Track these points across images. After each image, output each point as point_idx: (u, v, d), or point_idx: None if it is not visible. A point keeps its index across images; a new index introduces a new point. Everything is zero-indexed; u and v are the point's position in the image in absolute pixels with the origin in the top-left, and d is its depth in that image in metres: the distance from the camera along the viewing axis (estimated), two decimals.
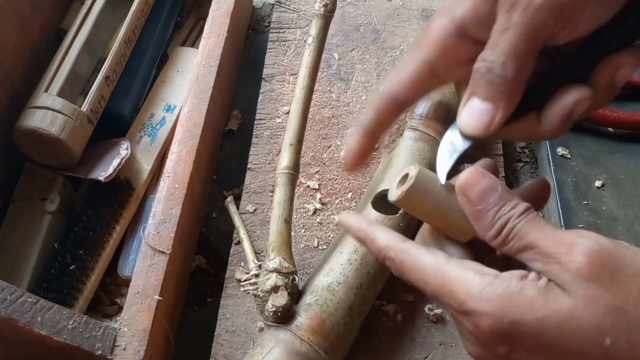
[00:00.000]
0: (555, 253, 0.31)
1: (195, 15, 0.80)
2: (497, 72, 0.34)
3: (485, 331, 0.32)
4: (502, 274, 0.33)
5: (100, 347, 0.47)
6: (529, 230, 0.33)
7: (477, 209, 0.34)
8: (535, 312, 0.31)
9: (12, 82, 0.62)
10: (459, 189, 0.35)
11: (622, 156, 0.70)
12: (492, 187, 0.34)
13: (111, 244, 0.60)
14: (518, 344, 0.32)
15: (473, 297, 0.32)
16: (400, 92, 0.39)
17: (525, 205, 0.34)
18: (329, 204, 0.63)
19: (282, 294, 0.48)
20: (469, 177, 0.35)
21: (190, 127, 0.60)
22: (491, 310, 0.32)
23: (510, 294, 0.32)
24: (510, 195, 0.34)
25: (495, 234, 0.34)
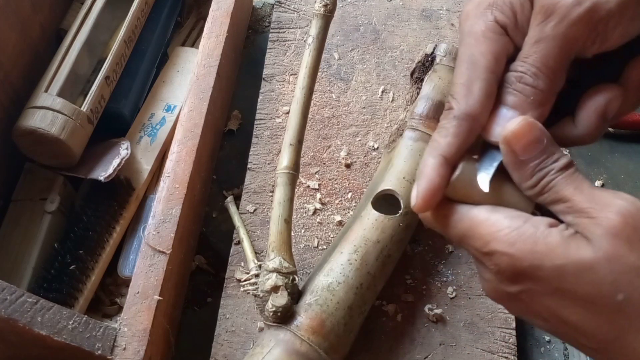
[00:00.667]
0: (588, 208, 0.32)
1: (195, 15, 0.80)
2: (528, 81, 0.35)
3: (503, 270, 0.33)
4: (532, 219, 0.33)
5: (100, 347, 0.47)
6: (565, 185, 0.33)
7: (520, 159, 0.34)
8: (555, 259, 0.32)
9: (12, 82, 0.62)
10: (505, 139, 0.34)
11: (622, 156, 0.70)
12: (539, 139, 0.34)
13: (111, 244, 0.60)
14: (532, 286, 0.33)
15: (498, 239, 0.33)
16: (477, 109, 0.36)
17: (566, 160, 0.34)
18: (329, 204, 0.63)
19: (282, 294, 0.48)
20: (516, 129, 0.34)
21: (190, 127, 0.60)
22: (513, 253, 0.33)
23: (534, 240, 0.32)
24: (554, 148, 0.34)
25: (532, 185, 0.34)
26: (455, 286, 0.59)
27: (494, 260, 0.34)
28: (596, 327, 0.32)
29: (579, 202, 0.32)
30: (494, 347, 0.56)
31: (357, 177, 0.65)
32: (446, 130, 0.37)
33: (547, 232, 0.33)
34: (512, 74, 0.36)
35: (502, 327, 0.57)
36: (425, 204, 0.36)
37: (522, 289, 0.34)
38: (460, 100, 0.36)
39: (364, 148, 0.67)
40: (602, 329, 0.32)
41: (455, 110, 0.36)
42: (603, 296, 0.31)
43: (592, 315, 0.32)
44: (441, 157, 0.36)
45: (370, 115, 0.69)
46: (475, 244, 0.35)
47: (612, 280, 0.31)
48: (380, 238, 0.53)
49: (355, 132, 0.68)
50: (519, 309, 0.36)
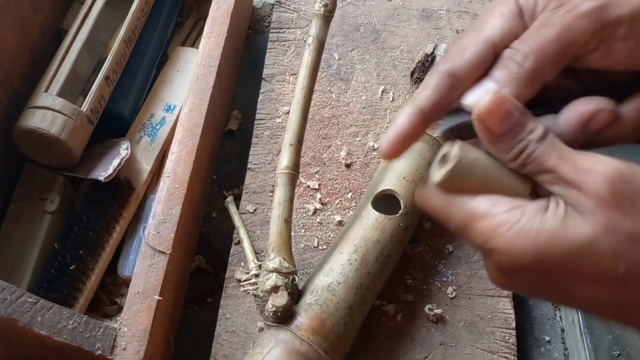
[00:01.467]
0: (574, 179, 0.32)
1: (195, 15, 0.80)
2: (516, 58, 0.35)
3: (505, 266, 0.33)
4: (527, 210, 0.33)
5: (100, 347, 0.47)
6: (548, 155, 0.33)
7: (495, 135, 0.34)
8: (557, 246, 0.32)
9: (12, 82, 0.62)
10: (477, 117, 0.34)
11: (622, 156, 0.70)
12: (511, 112, 0.33)
13: (111, 244, 0.60)
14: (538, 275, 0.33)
15: (498, 236, 0.33)
16: (462, 69, 0.36)
17: (542, 129, 0.33)
18: (329, 204, 0.63)
19: (282, 294, 0.48)
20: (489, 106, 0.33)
21: (190, 127, 0.60)
22: (514, 250, 0.33)
23: (535, 233, 0.32)
24: (527, 118, 0.34)
25: (512, 158, 0.34)
26: (455, 286, 0.59)
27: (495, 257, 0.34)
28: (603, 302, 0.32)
29: (565, 173, 0.32)
30: (494, 347, 0.56)
31: (357, 177, 0.65)
32: (426, 84, 0.37)
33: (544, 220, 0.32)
34: (507, 49, 0.36)
35: (502, 327, 0.57)
36: (391, 150, 0.37)
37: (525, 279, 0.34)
38: (449, 57, 0.37)
39: (364, 148, 0.66)
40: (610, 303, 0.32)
41: (441, 65, 0.37)
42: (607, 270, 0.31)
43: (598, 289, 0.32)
44: (417, 107, 0.36)
45: (370, 115, 0.69)
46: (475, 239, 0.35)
47: (612, 253, 0.31)
48: (380, 238, 0.53)
49: (355, 132, 0.68)
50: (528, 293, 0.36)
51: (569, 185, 0.32)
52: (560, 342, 0.61)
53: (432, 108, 0.36)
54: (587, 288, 0.32)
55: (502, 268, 0.34)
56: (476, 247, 0.35)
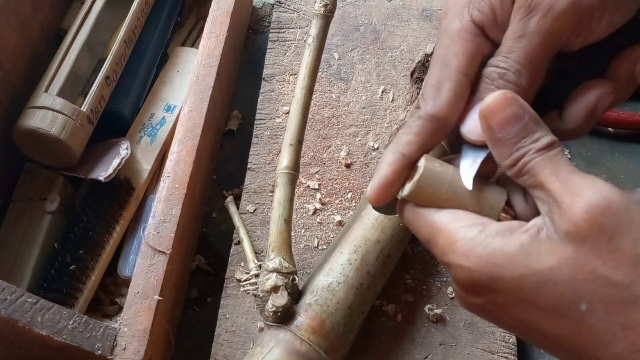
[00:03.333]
0: (560, 201, 0.30)
1: (195, 15, 0.80)
2: (510, 79, 0.34)
3: (462, 282, 0.33)
4: (488, 228, 0.32)
5: (100, 347, 0.47)
6: (542, 169, 0.31)
7: (497, 136, 0.32)
8: (513, 270, 0.30)
9: (12, 82, 0.62)
10: (481, 113, 0.33)
11: (622, 156, 0.70)
12: (518, 116, 0.32)
13: (111, 244, 0.60)
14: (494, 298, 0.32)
15: (454, 250, 0.32)
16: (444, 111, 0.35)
17: (548, 140, 0.32)
18: (329, 204, 0.63)
19: (282, 294, 0.48)
20: (493, 103, 0.32)
21: (190, 127, 0.60)
22: (469, 266, 0.32)
23: (491, 252, 0.31)
24: (536, 127, 0.32)
25: (510, 164, 0.32)
26: None
27: (452, 272, 0.33)
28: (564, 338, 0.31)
29: (553, 192, 0.30)
30: (494, 347, 0.56)
31: (357, 177, 0.65)
32: (409, 129, 0.36)
33: (504, 241, 0.31)
34: (493, 69, 0.34)
35: None
36: (377, 197, 0.36)
37: (484, 300, 0.33)
38: (428, 100, 0.36)
39: (364, 148, 0.67)
40: (570, 340, 0.30)
41: (421, 110, 0.36)
42: (566, 306, 0.29)
43: (558, 327, 0.30)
44: (399, 154, 0.36)
45: (370, 115, 0.69)
46: (436, 252, 0.34)
47: (573, 289, 0.29)
48: (380, 238, 0.53)
49: (355, 132, 0.68)
50: (488, 318, 0.35)
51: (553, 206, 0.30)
52: None
53: (415, 153, 0.36)
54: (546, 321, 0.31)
55: (461, 284, 0.33)
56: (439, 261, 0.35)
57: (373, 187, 0.36)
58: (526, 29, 0.33)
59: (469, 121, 0.35)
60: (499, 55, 0.34)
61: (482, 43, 0.35)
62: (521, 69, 0.34)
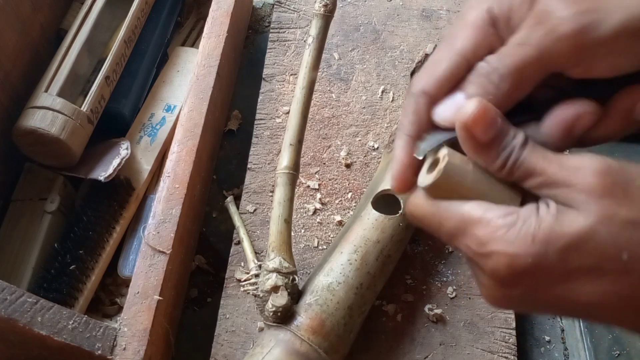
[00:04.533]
0: (562, 179, 0.31)
1: (195, 15, 0.80)
2: (493, 80, 0.34)
3: (503, 273, 0.33)
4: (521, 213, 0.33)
5: (100, 347, 0.47)
6: (535, 159, 0.33)
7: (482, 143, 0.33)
8: (555, 243, 0.31)
9: (12, 82, 0.62)
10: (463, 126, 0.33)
11: (622, 156, 0.70)
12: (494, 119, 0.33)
13: (111, 244, 0.60)
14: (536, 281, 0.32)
15: (496, 239, 0.32)
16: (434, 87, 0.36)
17: (522, 134, 0.33)
18: (329, 204, 0.63)
19: (282, 294, 0.48)
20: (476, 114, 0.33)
21: (190, 127, 0.60)
22: (513, 251, 0.32)
23: (533, 233, 0.32)
24: (507, 125, 0.33)
25: (500, 166, 0.33)
26: (455, 286, 0.59)
27: (491, 262, 0.33)
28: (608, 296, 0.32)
29: (552, 174, 0.32)
30: (494, 347, 0.56)
31: (357, 177, 0.65)
32: (406, 110, 0.37)
33: (539, 220, 0.32)
34: (483, 65, 0.35)
35: (502, 327, 0.57)
36: (401, 185, 0.37)
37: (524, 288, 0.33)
38: (423, 76, 0.36)
39: (364, 148, 0.67)
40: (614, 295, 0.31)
41: (414, 86, 0.36)
42: (609, 260, 0.31)
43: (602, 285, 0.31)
44: (406, 137, 0.37)
45: (370, 115, 0.69)
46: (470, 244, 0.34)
47: (612, 241, 0.30)
48: (380, 238, 0.53)
49: (355, 132, 0.68)
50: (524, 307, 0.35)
51: (557, 185, 0.32)
52: (560, 342, 0.61)
53: (419, 131, 0.36)
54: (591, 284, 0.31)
55: (501, 276, 0.33)
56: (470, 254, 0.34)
57: (393, 176, 0.37)
58: (528, 40, 0.33)
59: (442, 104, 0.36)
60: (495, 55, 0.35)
61: (491, 34, 0.36)
62: (507, 74, 0.34)
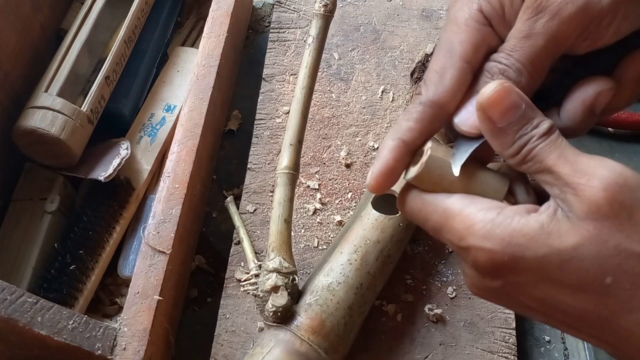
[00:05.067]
0: (573, 182, 0.30)
1: (195, 15, 0.80)
2: (510, 76, 0.34)
3: (482, 266, 0.32)
4: (505, 210, 0.32)
5: (100, 347, 0.47)
6: (548, 153, 0.31)
7: (498, 126, 0.32)
8: (536, 249, 0.31)
9: (12, 82, 0.62)
10: (480, 106, 0.32)
11: (622, 156, 0.70)
12: (517, 104, 0.32)
13: (111, 244, 0.60)
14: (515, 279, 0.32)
15: (473, 233, 0.32)
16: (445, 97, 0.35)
17: (547, 125, 0.32)
18: (329, 204, 0.63)
19: (282, 294, 0.48)
20: (493, 95, 0.32)
21: (190, 127, 0.60)
22: (491, 247, 0.31)
23: (511, 232, 0.31)
24: (534, 113, 0.32)
25: (513, 153, 0.32)
26: (455, 286, 0.59)
27: (471, 256, 0.33)
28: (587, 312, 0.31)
29: (564, 175, 0.31)
30: (494, 347, 0.56)
31: (357, 177, 0.65)
32: (410, 115, 0.36)
33: (523, 221, 0.31)
34: (494, 64, 0.35)
35: (502, 327, 0.57)
36: (377, 185, 0.36)
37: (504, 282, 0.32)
38: (430, 86, 0.36)
39: (364, 148, 0.67)
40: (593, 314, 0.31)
41: (422, 96, 0.36)
42: (591, 282, 0.30)
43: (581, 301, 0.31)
44: (399, 140, 0.36)
45: (370, 115, 0.69)
46: (451, 238, 0.34)
47: (599, 265, 0.30)
48: (380, 238, 0.53)
49: (355, 132, 0.68)
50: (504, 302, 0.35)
51: (566, 187, 0.31)
52: (560, 342, 0.61)
53: (416, 140, 0.36)
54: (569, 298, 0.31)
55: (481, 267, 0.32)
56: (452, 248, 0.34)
57: (373, 175, 0.36)
58: (532, 30, 0.33)
59: (462, 112, 0.35)
60: (502, 52, 0.35)
61: (488, 34, 0.35)
62: (522, 68, 0.34)
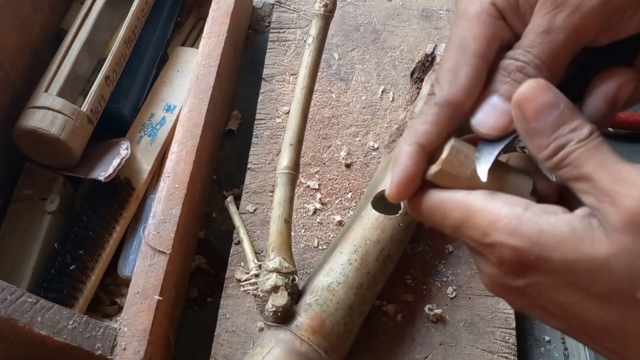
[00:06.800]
0: (611, 191, 0.28)
1: (195, 15, 0.80)
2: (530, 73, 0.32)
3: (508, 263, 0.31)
4: (532, 207, 0.31)
5: (100, 347, 0.47)
6: (587, 160, 0.29)
7: (533, 126, 0.30)
8: (564, 253, 0.29)
9: (12, 82, 0.62)
10: (515, 102, 0.31)
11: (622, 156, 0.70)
12: (554, 104, 0.30)
13: (111, 244, 0.60)
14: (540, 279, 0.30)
15: (499, 229, 0.30)
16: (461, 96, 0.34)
17: (588, 129, 0.30)
18: (329, 204, 0.63)
19: (282, 294, 0.48)
20: (527, 91, 0.30)
21: (190, 127, 0.60)
22: (517, 244, 0.30)
23: (539, 231, 0.30)
24: (573, 115, 0.30)
25: (548, 156, 0.31)
26: (455, 286, 0.59)
27: (496, 252, 0.31)
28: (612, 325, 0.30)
29: (602, 183, 0.29)
30: (494, 347, 0.56)
31: (357, 177, 0.65)
32: (425, 117, 0.34)
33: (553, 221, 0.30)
34: (511, 62, 0.33)
35: (502, 327, 0.57)
36: (399, 193, 0.34)
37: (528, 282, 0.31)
38: (444, 85, 0.34)
39: (364, 148, 0.67)
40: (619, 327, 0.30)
41: (437, 96, 0.34)
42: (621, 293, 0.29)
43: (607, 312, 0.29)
44: (417, 145, 0.34)
45: (370, 115, 0.69)
46: (473, 234, 0.32)
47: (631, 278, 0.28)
48: (380, 238, 0.53)
49: (355, 132, 0.68)
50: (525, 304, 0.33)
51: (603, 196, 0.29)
52: (560, 342, 0.61)
53: (434, 143, 0.34)
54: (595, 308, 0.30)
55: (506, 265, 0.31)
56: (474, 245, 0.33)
57: (394, 183, 0.34)
58: (551, 25, 0.32)
59: (479, 114, 0.34)
60: (519, 49, 0.33)
61: (502, 28, 0.34)
62: (541, 64, 0.32)
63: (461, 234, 0.33)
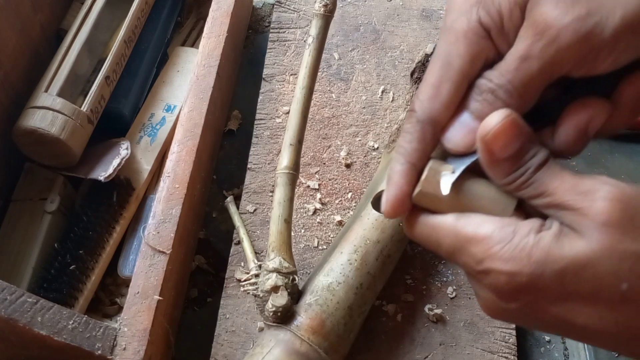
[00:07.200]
0: (572, 201, 0.31)
1: (195, 15, 0.80)
2: (500, 96, 0.33)
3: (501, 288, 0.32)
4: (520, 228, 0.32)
5: (100, 347, 0.47)
6: (548, 182, 0.32)
7: (495, 158, 0.32)
8: (553, 264, 0.31)
9: (12, 82, 0.62)
10: (480, 136, 0.32)
11: (622, 156, 0.70)
12: (517, 137, 0.32)
13: (111, 244, 0.60)
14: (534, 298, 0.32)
15: (492, 256, 0.32)
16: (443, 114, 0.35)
17: (544, 155, 0.32)
18: (329, 204, 0.63)
19: (282, 294, 0.48)
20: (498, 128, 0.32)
21: (190, 127, 0.60)
22: (510, 269, 0.31)
23: (529, 251, 0.31)
24: (531, 144, 0.32)
25: (508, 183, 0.33)
26: (455, 286, 0.59)
27: (489, 279, 0.33)
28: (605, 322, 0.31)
29: (562, 196, 0.31)
30: (494, 347, 0.56)
31: (357, 177, 0.65)
32: (410, 135, 0.36)
33: (537, 238, 0.31)
34: (485, 82, 0.34)
35: (502, 327, 0.57)
36: (394, 211, 0.36)
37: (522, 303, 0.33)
38: (425, 102, 0.35)
39: (364, 148, 0.67)
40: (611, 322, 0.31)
41: (417, 113, 0.35)
42: (607, 289, 0.30)
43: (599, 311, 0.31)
44: (408, 164, 0.36)
45: (370, 115, 0.69)
46: (467, 261, 0.33)
47: (613, 271, 0.30)
48: (380, 238, 0.53)
49: (355, 132, 0.68)
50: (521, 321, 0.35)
51: (565, 207, 0.31)
52: (560, 342, 0.61)
53: (422, 160, 0.36)
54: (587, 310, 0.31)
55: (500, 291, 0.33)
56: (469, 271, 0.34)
57: (389, 201, 0.36)
58: (529, 52, 0.33)
59: (450, 130, 0.35)
60: (496, 70, 0.34)
61: (487, 47, 0.35)
62: (513, 90, 0.33)
63: (456, 260, 0.34)
